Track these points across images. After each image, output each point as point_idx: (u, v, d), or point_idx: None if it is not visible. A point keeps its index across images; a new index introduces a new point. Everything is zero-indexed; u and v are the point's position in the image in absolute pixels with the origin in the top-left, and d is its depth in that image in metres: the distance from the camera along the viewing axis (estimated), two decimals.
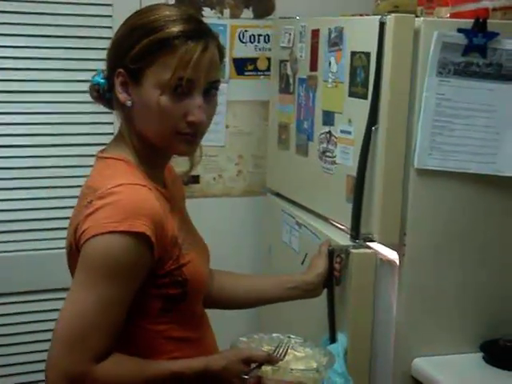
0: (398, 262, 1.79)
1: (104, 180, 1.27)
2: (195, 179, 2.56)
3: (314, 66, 2.08)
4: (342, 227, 1.91)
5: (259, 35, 2.57)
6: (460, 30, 1.70)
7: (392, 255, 1.81)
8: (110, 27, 2.34)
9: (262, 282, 1.71)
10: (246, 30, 2.55)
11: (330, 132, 1.97)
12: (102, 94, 1.39)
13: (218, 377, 1.28)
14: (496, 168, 1.77)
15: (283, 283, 1.68)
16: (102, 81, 1.37)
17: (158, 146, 1.33)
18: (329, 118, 1.98)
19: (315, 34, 2.06)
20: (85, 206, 1.26)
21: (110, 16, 2.36)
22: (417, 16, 1.78)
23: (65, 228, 1.37)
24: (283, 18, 2.36)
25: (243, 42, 2.56)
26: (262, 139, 2.59)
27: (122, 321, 1.24)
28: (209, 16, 2.46)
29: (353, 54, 1.84)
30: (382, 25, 1.71)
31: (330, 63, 1.96)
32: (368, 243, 1.80)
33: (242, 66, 2.57)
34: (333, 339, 1.79)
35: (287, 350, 1.39)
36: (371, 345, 1.82)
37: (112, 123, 2.38)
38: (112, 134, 2.40)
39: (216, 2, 2.49)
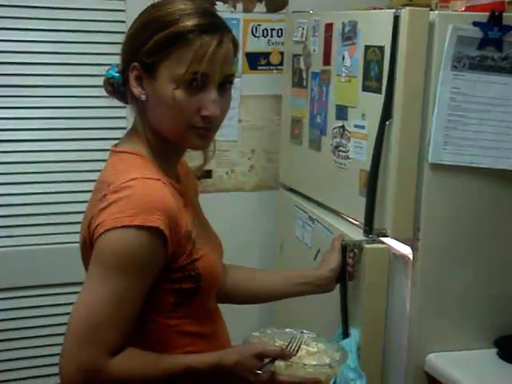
0: (411, 258, 1.79)
1: (118, 174, 1.27)
2: (208, 174, 2.56)
3: (327, 60, 2.07)
4: (356, 222, 1.91)
5: (272, 29, 2.56)
6: (475, 24, 1.69)
7: (405, 250, 1.81)
8: (123, 21, 2.34)
9: (275, 277, 1.71)
10: (258, 25, 2.54)
11: (343, 126, 1.96)
12: (117, 88, 1.38)
13: (231, 371, 1.28)
14: (510, 163, 1.76)
15: (295, 278, 1.68)
16: (117, 75, 1.37)
17: (172, 140, 1.33)
18: (342, 112, 1.97)
19: (329, 27, 2.05)
20: (99, 200, 1.26)
21: (123, 10, 2.36)
22: (431, 9, 1.77)
23: (78, 222, 1.37)
24: (296, 12, 2.35)
25: (256, 37, 2.55)
26: (274, 134, 2.59)
27: (135, 315, 1.24)
28: (222, 10, 2.45)
29: (366, 47, 1.83)
30: (396, 18, 1.70)
31: (343, 57, 1.95)
32: (381, 238, 1.79)
33: (255, 61, 2.56)
34: (346, 334, 1.79)
35: (300, 345, 1.39)
36: (384, 340, 1.82)
37: (125, 117, 2.38)
38: (125, 128, 2.41)
39: None
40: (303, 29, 2.23)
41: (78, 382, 1.18)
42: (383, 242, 1.80)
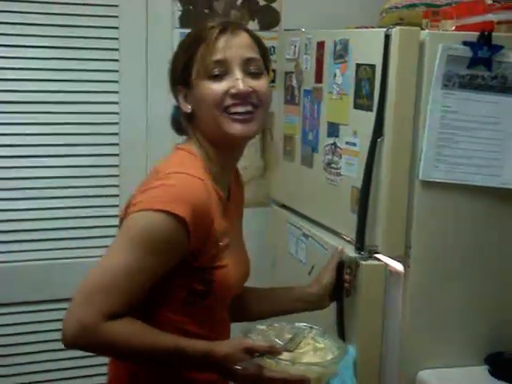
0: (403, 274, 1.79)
1: (168, 165, 1.38)
2: None
3: (319, 77, 2.09)
4: (347, 239, 1.91)
5: None
6: (465, 43, 1.71)
7: (399, 267, 1.81)
8: (116, 27, 2.37)
9: (272, 295, 1.71)
10: None
11: (335, 143, 1.97)
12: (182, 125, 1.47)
13: (219, 363, 1.31)
14: (501, 181, 1.77)
15: (289, 296, 1.69)
16: (174, 111, 1.49)
17: (217, 136, 1.39)
18: (334, 129, 1.99)
19: (320, 46, 2.07)
20: (143, 184, 1.36)
21: (117, 16, 2.38)
22: (422, 29, 1.79)
23: (75, 238, 1.40)
24: (288, 30, 2.37)
25: None
26: (266, 150, 2.59)
27: (141, 293, 1.30)
28: None
29: (358, 66, 1.85)
30: (387, 37, 1.72)
31: (335, 75, 1.97)
32: (375, 255, 1.80)
33: None
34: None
35: (300, 342, 1.41)
36: (380, 356, 1.82)
37: (117, 134, 2.41)
38: (118, 144, 2.43)
39: (222, 13, 2.50)
40: (295, 47, 2.25)
41: (75, 334, 1.25)
42: (380, 259, 1.80)
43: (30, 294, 2.40)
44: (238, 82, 1.36)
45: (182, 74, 1.41)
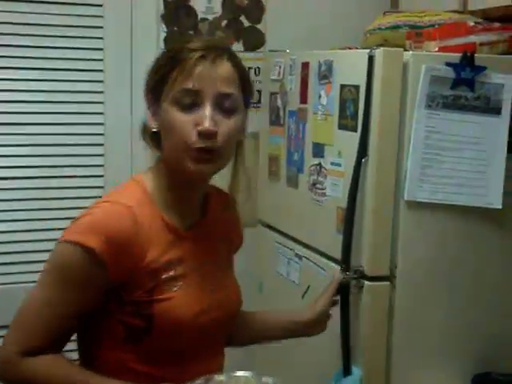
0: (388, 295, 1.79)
1: (108, 195, 1.32)
2: None
3: (303, 98, 2.09)
4: (334, 259, 1.91)
5: (249, 68, 2.58)
6: (448, 64, 1.72)
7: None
8: (101, 27, 2.37)
9: (258, 320, 1.60)
10: None
11: (320, 164, 1.98)
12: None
13: None
14: (485, 200, 1.78)
15: (283, 322, 1.60)
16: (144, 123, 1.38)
17: (174, 166, 1.29)
18: (319, 150, 1.99)
19: (305, 66, 2.08)
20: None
21: (102, 16, 2.38)
22: (405, 50, 1.81)
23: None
24: (273, 51, 2.38)
25: None
26: (252, 171, 2.59)
27: (63, 327, 1.25)
28: None
29: (342, 86, 1.86)
30: (370, 58, 1.73)
31: (319, 96, 1.98)
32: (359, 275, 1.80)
33: None
34: (347, 372, 1.77)
35: None
36: (385, 378, 1.80)
37: (103, 155, 2.40)
38: (103, 165, 2.42)
39: (207, 34, 2.51)
40: (280, 67, 2.26)
41: None
42: (384, 280, 1.78)
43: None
44: (205, 120, 1.24)
45: (154, 91, 1.31)
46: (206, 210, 1.40)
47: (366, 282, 1.78)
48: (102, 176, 2.42)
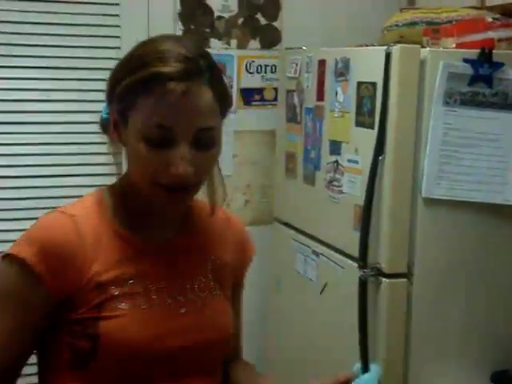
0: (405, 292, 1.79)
1: (60, 206, 1.19)
2: None
3: (320, 95, 2.09)
4: (352, 256, 1.90)
5: (266, 65, 2.59)
6: (466, 61, 1.72)
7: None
8: (117, 26, 2.38)
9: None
10: (252, 61, 2.57)
11: (337, 161, 1.98)
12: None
13: None
14: (503, 197, 1.77)
15: None
16: (105, 116, 1.20)
17: (143, 192, 1.14)
18: (336, 147, 1.99)
19: (322, 64, 2.08)
20: None
21: (118, 15, 2.39)
22: (422, 46, 1.80)
23: None
24: (289, 49, 2.38)
25: (250, 73, 2.58)
26: (269, 168, 2.60)
27: (5, 350, 1.11)
28: (216, 47, 2.49)
29: (359, 84, 1.85)
30: (387, 55, 1.73)
31: (336, 93, 1.98)
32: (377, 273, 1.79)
33: (249, 96, 2.59)
34: (365, 369, 1.77)
35: None
36: (403, 376, 1.80)
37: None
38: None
39: (223, 32, 2.52)
40: (296, 65, 2.26)
41: None
42: (402, 277, 1.78)
43: None
44: (180, 162, 1.07)
45: (117, 101, 1.12)
46: (188, 221, 1.23)
47: (384, 279, 1.78)
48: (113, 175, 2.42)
